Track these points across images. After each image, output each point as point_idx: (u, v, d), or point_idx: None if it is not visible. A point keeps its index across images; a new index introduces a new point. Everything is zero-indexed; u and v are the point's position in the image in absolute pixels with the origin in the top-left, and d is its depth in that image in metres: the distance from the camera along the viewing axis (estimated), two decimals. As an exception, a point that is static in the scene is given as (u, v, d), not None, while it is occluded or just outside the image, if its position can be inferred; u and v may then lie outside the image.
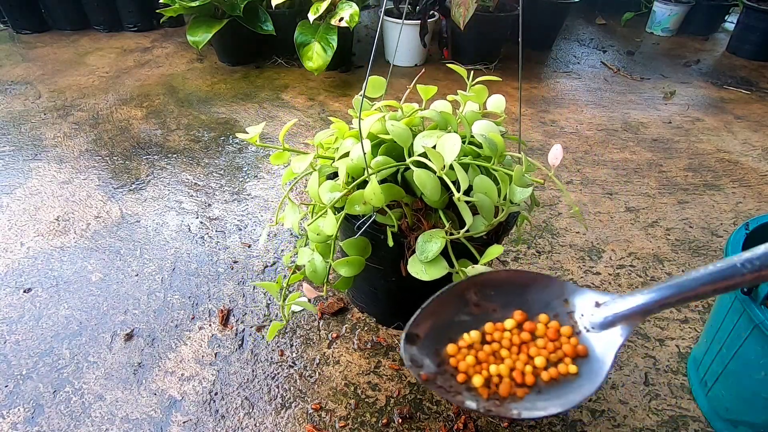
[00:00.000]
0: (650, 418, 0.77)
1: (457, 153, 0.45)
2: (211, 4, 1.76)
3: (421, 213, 0.52)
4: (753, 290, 0.60)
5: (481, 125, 0.54)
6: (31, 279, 0.96)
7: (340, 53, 1.72)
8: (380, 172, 0.50)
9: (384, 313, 0.69)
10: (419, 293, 0.61)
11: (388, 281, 0.59)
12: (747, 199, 1.29)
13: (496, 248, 0.48)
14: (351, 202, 0.50)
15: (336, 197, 0.50)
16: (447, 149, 0.46)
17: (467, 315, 0.30)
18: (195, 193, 1.23)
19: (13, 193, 1.20)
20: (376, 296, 0.66)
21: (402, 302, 0.66)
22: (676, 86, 1.99)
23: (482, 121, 0.54)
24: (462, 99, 0.60)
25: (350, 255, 0.53)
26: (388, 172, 0.51)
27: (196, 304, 0.92)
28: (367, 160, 0.48)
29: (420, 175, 0.46)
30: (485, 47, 2.01)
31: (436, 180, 0.46)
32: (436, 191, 0.47)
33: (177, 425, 0.73)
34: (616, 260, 1.07)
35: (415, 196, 0.53)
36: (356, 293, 0.66)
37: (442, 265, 0.48)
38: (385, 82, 0.60)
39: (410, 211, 0.52)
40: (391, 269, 0.55)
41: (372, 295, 0.66)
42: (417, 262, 0.49)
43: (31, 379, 0.78)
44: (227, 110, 1.64)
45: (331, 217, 0.49)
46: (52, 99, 1.66)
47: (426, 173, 0.46)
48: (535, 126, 1.61)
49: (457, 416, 0.75)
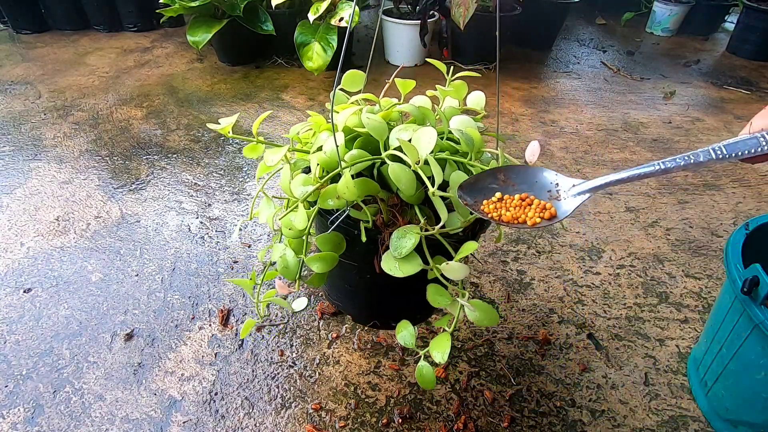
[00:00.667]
0: (650, 418, 0.77)
1: (432, 147, 0.45)
2: (211, 4, 1.76)
3: (396, 209, 0.52)
4: (753, 290, 0.60)
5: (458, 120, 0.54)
6: (31, 279, 0.96)
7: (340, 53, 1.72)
8: (354, 165, 0.49)
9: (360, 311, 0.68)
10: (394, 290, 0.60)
11: (363, 278, 0.59)
12: (747, 199, 1.29)
13: (471, 245, 0.47)
14: (324, 197, 0.49)
15: (308, 191, 0.49)
16: (422, 143, 0.45)
17: (496, 184, 0.47)
18: (195, 193, 1.23)
19: (13, 193, 1.20)
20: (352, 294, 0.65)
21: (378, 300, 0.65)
22: (676, 86, 1.99)
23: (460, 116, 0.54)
24: (441, 94, 0.59)
25: (323, 251, 0.52)
26: (362, 166, 0.51)
27: (196, 304, 0.92)
28: (340, 153, 0.48)
29: (395, 169, 0.45)
30: (485, 47, 2.01)
31: (411, 174, 0.46)
32: (411, 186, 0.46)
33: (177, 425, 0.73)
34: (616, 260, 1.07)
35: (391, 192, 0.53)
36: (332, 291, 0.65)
37: (416, 262, 0.48)
38: (364, 76, 0.59)
39: (386, 207, 0.51)
40: (366, 266, 0.55)
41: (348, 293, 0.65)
42: (391, 259, 0.48)
43: (31, 379, 0.78)
44: (227, 110, 1.64)
45: (302, 212, 0.48)
46: (52, 99, 1.66)
47: (401, 167, 0.46)
48: (535, 126, 1.61)
49: (457, 416, 0.75)
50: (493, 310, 0.49)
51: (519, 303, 0.95)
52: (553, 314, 0.93)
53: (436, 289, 0.50)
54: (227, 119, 0.56)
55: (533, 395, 0.79)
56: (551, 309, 0.94)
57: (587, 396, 0.79)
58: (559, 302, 0.96)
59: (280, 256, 0.54)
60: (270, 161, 0.53)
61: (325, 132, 0.55)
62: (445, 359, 0.47)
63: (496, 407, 0.77)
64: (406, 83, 0.60)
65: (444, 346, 0.48)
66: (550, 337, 0.89)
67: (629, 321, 0.93)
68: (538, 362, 0.84)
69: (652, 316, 0.94)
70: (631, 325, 0.92)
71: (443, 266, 0.47)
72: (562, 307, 0.95)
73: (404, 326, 0.53)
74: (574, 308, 0.95)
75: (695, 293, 0.99)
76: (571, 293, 0.98)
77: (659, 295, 0.99)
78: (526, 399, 0.79)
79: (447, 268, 0.47)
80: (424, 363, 0.50)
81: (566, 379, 0.82)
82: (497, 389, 0.80)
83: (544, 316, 0.93)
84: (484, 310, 0.48)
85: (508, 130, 1.57)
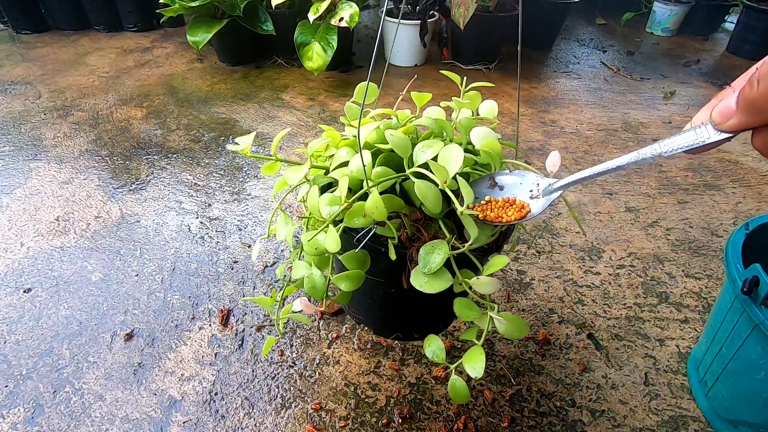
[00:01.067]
0: (650, 418, 0.77)
1: (460, 165, 0.45)
2: (211, 4, 1.76)
3: (420, 223, 0.52)
4: (753, 290, 0.60)
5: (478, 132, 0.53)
6: (31, 279, 0.96)
7: (340, 53, 1.72)
8: (380, 183, 0.49)
9: (383, 324, 0.68)
10: (417, 303, 0.61)
11: (387, 293, 0.58)
12: (747, 199, 1.29)
13: (501, 259, 0.48)
14: (350, 215, 0.48)
15: (336, 211, 0.49)
16: (451, 162, 0.45)
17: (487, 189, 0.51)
18: (195, 193, 1.23)
19: (13, 193, 1.20)
20: (373, 307, 0.65)
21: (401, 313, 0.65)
22: (676, 86, 1.99)
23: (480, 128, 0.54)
24: (457, 105, 0.59)
25: (350, 269, 0.51)
26: (388, 184, 0.50)
27: (196, 304, 0.92)
28: (366, 171, 0.47)
29: (421, 187, 0.45)
30: (485, 47, 2.01)
31: (437, 192, 0.46)
32: (437, 203, 0.46)
33: (177, 425, 0.73)
34: (616, 260, 1.07)
35: (413, 206, 0.53)
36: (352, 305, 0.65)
37: (446, 277, 0.48)
38: (377, 89, 0.59)
39: (409, 222, 0.51)
40: (391, 281, 0.55)
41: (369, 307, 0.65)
42: (420, 274, 0.48)
43: (31, 379, 0.78)
44: (227, 110, 1.64)
45: (333, 233, 0.48)
46: (52, 99, 1.66)
47: (427, 185, 0.45)
48: (535, 126, 1.61)
49: (457, 416, 0.75)
50: (523, 322, 0.49)
51: (519, 303, 0.95)
52: (553, 314, 0.93)
53: (464, 303, 0.50)
54: (245, 139, 0.55)
55: (533, 395, 0.79)
56: (551, 309, 0.94)
57: (587, 396, 0.79)
58: (559, 302, 0.96)
59: (307, 276, 0.53)
60: (291, 180, 0.52)
61: (345, 148, 0.54)
62: (481, 374, 0.47)
63: (496, 407, 0.77)
64: (422, 96, 0.60)
65: (478, 359, 0.48)
66: (550, 337, 0.89)
67: (629, 321, 0.93)
68: (538, 362, 0.84)
69: (652, 316, 0.94)
70: (631, 325, 0.92)
71: (473, 281, 0.47)
72: (562, 307, 0.95)
73: (432, 340, 0.53)
74: (574, 308, 0.95)
75: (695, 293, 0.99)
76: (571, 293, 0.98)
77: (659, 295, 0.99)
78: (526, 399, 0.79)
79: (477, 283, 0.47)
80: (457, 377, 0.50)
81: (566, 379, 0.82)
82: (497, 389, 0.80)
83: (544, 316, 0.93)
84: (514, 322, 0.48)
85: (508, 130, 1.57)
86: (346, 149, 0.54)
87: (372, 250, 0.52)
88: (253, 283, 0.97)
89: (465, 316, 0.51)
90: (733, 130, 0.29)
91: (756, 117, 0.27)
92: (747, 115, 0.28)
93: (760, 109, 0.27)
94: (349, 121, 0.61)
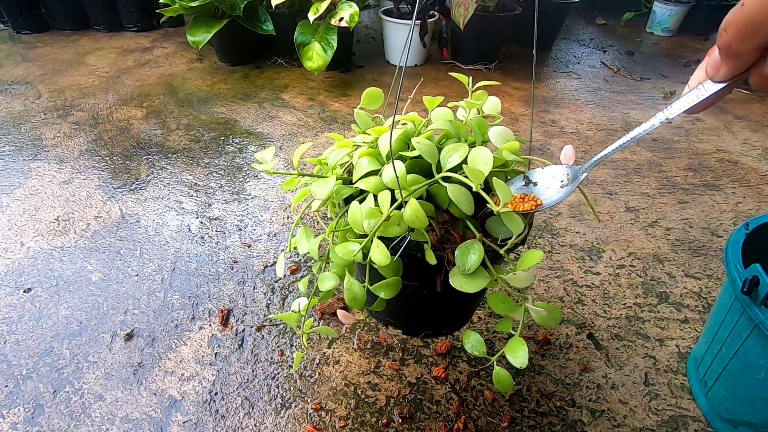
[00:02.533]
0: (650, 418, 0.77)
1: (491, 167, 0.46)
2: (211, 4, 1.76)
3: (448, 225, 0.53)
4: (753, 290, 0.60)
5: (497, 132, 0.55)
6: (31, 279, 0.96)
7: (340, 53, 1.72)
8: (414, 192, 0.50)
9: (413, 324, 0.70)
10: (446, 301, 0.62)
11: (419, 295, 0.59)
12: (747, 199, 1.29)
13: (535, 254, 0.50)
14: (388, 226, 0.49)
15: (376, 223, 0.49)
16: (481, 164, 0.47)
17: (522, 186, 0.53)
18: (195, 193, 1.23)
19: (13, 193, 1.20)
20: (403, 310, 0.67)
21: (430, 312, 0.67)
22: (676, 86, 1.99)
23: (498, 128, 0.55)
24: (468, 106, 0.60)
25: (387, 276, 0.52)
26: (421, 191, 0.51)
27: (196, 304, 0.92)
28: (400, 182, 0.48)
29: (454, 191, 0.47)
30: (485, 47, 2.01)
31: (470, 195, 0.48)
32: (470, 206, 0.48)
33: (177, 425, 0.73)
34: (616, 260, 1.07)
35: (440, 209, 0.54)
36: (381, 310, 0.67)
37: (483, 275, 0.49)
38: (383, 95, 0.60)
39: (437, 224, 0.52)
40: (425, 284, 0.56)
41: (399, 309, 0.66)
42: (458, 275, 0.49)
43: (31, 379, 0.78)
44: (227, 110, 1.64)
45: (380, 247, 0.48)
46: (52, 99, 1.66)
47: (458, 188, 0.47)
48: (535, 126, 1.61)
49: (457, 416, 0.75)
50: (558, 310, 0.50)
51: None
52: (553, 314, 0.93)
53: (499, 297, 0.52)
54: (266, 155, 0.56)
55: (533, 395, 0.79)
56: (551, 309, 0.94)
57: (587, 396, 0.79)
58: (559, 302, 0.96)
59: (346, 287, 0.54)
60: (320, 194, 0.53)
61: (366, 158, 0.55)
62: (525, 364, 0.49)
63: (496, 407, 0.77)
64: (434, 100, 0.61)
65: (519, 350, 0.50)
66: (550, 337, 0.89)
67: (629, 321, 0.93)
68: (538, 362, 0.84)
69: (652, 316, 0.94)
70: (631, 325, 0.92)
71: (509, 277, 0.49)
72: (562, 307, 0.95)
73: (471, 335, 0.54)
74: (574, 308, 0.95)
75: (695, 293, 0.99)
76: (571, 293, 0.98)
77: (659, 295, 0.99)
78: (526, 399, 0.79)
79: (514, 278, 0.49)
80: (500, 368, 0.52)
81: (566, 379, 0.82)
82: (497, 389, 0.80)
83: (544, 316, 0.93)
84: (550, 311, 0.50)
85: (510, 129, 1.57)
86: (367, 159, 0.55)
87: (406, 255, 0.52)
88: (253, 283, 0.97)
89: (500, 309, 0.52)
90: (725, 78, 0.32)
91: (738, 61, 0.30)
92: (730, 61, 0.30)
93: (736, 52, 0.29)
94: (361, 130, 0.61)
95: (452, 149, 0.51)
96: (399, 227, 0.49)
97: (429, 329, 0.68)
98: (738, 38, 0.28)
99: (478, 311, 0.93)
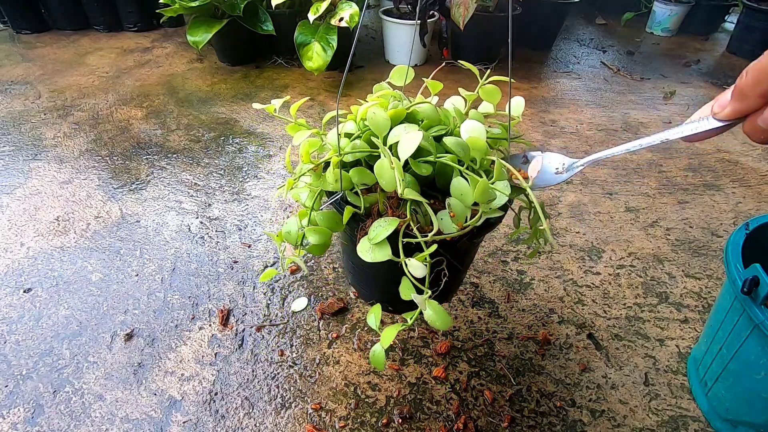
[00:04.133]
0: (650, 418, 0.77)
1: (412, 150, 0.48)
2: (211, 4, 1.76)
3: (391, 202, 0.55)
4: (753, 290, 0.60)
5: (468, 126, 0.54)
6: (31, 279, 0.96)
7: (340, 53, 1.72)
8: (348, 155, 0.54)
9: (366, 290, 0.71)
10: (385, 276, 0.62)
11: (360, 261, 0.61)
12: (747, 199, 1.29)
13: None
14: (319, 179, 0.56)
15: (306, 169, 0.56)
16: (404, 146, 0.49)
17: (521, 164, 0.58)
18: (195, 193, 1.23)
19: (13, 193, 1.20)
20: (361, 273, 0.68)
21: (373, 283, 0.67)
22: (676, 86, 1.99)
23: (471, 122, 0.55)
24: (468, 98, 0.61)
25: (321, 225, 0.57)
26: (358, 156, 0.55)
27: (196, 304, 0.92)
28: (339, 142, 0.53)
29: (379, 165, 0.50)
30: (485, 47, 2.01)
31: (392, 173, 0.49)
32: (391, 183, 0.49)
33: (177, 425, 0.73)
34: (616, 260, 1.07)
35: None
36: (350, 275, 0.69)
37: (386, 250, 0.51)
38: (413, 71, 0.64)
39: (383, 199, 0.55)
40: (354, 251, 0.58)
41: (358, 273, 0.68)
42: (366, 243, 0.52)
43: (31, 379, 0.78)
44: (227, 110, 1.64)
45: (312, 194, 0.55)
46: (52, 99, 1.66)
47: (384, 164, 0.49)
48: (535, 126, 1.61)
49: (457, 416, 0.75)
50: (447, 315, 0.50)
51: (519, 303, 0.95)
52: (553, 314, 0.93)
53: (407, 284, 0.53)
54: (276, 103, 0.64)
55: (533, 395, 0.79)
56: (551, 309, 0.94)
57: (587, 396, 0.79)
58: (559, 302, 0.96)
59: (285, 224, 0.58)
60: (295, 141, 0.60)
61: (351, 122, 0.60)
62: (386, 345, 0.51)
63: (496, 407, 0.77)
64: (436, 84, 0.64)
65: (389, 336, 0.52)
66: (550, 337, 0.89)
67: (629, 321, 0.93)
68: (538, 362, 0.84)
69: (652, 316, 0.94)
70: (631, 325, 0.92)
71: (409, 261, 0.50)
72: (562, 307, 0.95)
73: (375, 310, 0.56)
74: (574, 308, 0.95)
75: (695, 293, 0.99)
76: (571, 293, 0.98)
77: (659, 295, 0.99)
78: (526, 399, 0.79)
79: (410, 264, 0.49)
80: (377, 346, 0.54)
81: (566, 379, 0.82)
82: (497, 389, 0.80)
83: (544, 316, 0.93)
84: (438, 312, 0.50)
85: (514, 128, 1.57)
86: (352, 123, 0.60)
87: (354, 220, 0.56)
88: (253, 283, 0.97)
89: (404, 294, 0.53)
90: (728, 117, 0.34)
91: (744, 103, 0.32)
92: (737, 102, 0.33)
93: (746, 95, 0.32)
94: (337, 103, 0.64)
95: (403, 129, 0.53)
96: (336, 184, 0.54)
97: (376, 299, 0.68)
98: (752, 81, 0.31)
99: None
